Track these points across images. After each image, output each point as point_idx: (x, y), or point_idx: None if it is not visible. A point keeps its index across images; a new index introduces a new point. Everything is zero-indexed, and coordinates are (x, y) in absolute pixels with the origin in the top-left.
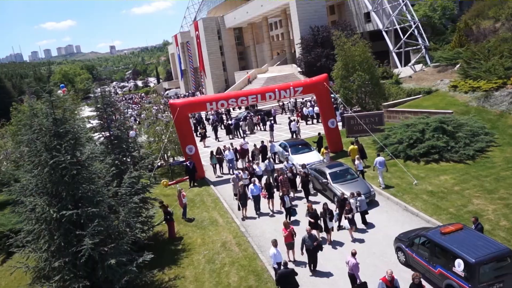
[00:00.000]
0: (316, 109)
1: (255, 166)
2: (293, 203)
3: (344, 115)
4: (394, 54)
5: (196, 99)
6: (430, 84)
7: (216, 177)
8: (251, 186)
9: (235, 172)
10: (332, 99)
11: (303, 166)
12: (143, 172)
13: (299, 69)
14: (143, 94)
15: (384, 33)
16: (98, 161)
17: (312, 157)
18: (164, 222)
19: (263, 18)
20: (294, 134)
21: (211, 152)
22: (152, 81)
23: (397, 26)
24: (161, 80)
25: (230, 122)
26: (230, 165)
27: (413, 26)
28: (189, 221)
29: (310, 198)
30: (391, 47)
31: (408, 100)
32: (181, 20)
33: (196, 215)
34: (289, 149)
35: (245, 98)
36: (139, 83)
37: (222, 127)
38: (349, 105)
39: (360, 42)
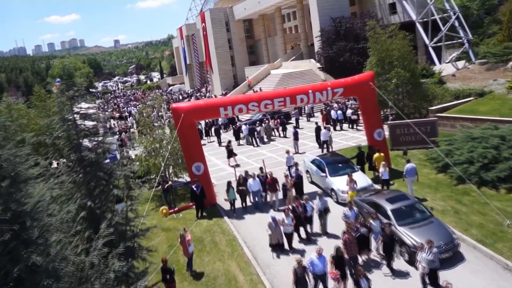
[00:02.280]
0: (349, 112)
1: (310, 204)
2: (368, 273)
3: (388, 122)
4: (430, 49)
5: (206, 102)
6: (480, 84)
7: (232, 212)
8: (312, 257)
9: (271, 214)
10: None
11: (375, 219)
12: (133, 214)
13: (318, 64)
14: (137, 90)
15: (418, 25)
16: (55, 209)
17: (358, 181)
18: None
19: (276, 9)
20: (325, 145)
21: (228, 183)
22: (156, 76)
23: (437, 17)
24: (165, 75)
25: (244, 126)
26: (256, 199)
27: (453, 17)
28: (196, 276)
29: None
30: (427, 41)
31: (458, 104)
32: (187, 12)
33: (207, 266)
34: (326, 169)
35: (270, 102)
36: (142, 77)
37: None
38: (384, 107)
39: (400, 34)
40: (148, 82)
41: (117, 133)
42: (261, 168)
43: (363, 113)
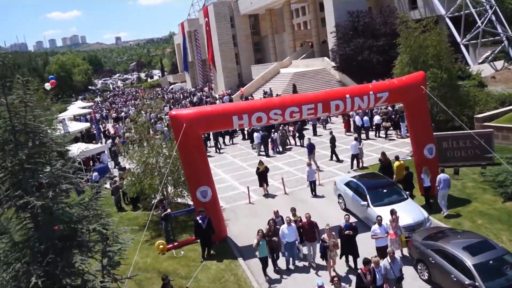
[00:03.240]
0: (377, 118)
1: (381, 269)
2: None
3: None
4: (462, 47)
5: (214, 109)
6: None
7: (265, 274)
8: None
9: (318, 283)
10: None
11: None
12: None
13: (332, 63)
14: (137, 88)
15: (447, 21)
16: None
17: (410, 213)
18: None
19: (285, 3)
20: (355, 159)
21: (260, 233)
22: (157, 73)
23: (473, 10)
24: (166, 73)
25: (256, 133)
26: (287, 254)
27: (490, 11)
28: None
29: None
30: (458, 38)
31: (507, 111)
32: (189, 7)
33: None
34: (368, 195)
35: (297, 110)
36: (143, 75)
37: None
38: None
39: (437, 29)
40: (149, 79)
41: (111, 138)
42: (293, 210)
43: (412, 125)
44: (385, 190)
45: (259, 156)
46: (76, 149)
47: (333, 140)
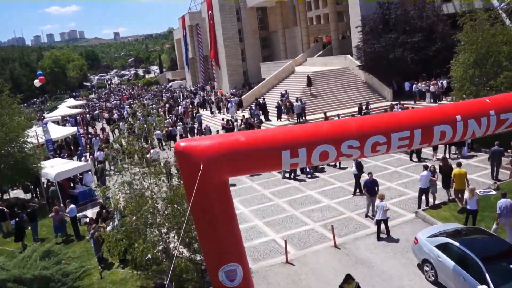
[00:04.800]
0: None
1: None
2: None
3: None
4: None
5: (250, 138)
6: None
7: None
8: None
9: None
10: None
11: None
12: None
13: (357, 62)
14: (133, 85)
15: (502, 14)
16: None
17: None
18: None
19: None
20: (425, 195)
21: None
22: (155, 70)
23: None
24: (164, 70)
25: None
26: None
27: None
28: None
29: None
30: None
31: None
32: (190, 1)
33: None
34: (485, 272)
35: (384, 140)
36: (141, 71)
37: None
38: None
39: None
40: (146, 76)
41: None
42: None
43: None
44: (511, 264)
45: (284, 179)
46: (52, 169)
47: (359, 167)
